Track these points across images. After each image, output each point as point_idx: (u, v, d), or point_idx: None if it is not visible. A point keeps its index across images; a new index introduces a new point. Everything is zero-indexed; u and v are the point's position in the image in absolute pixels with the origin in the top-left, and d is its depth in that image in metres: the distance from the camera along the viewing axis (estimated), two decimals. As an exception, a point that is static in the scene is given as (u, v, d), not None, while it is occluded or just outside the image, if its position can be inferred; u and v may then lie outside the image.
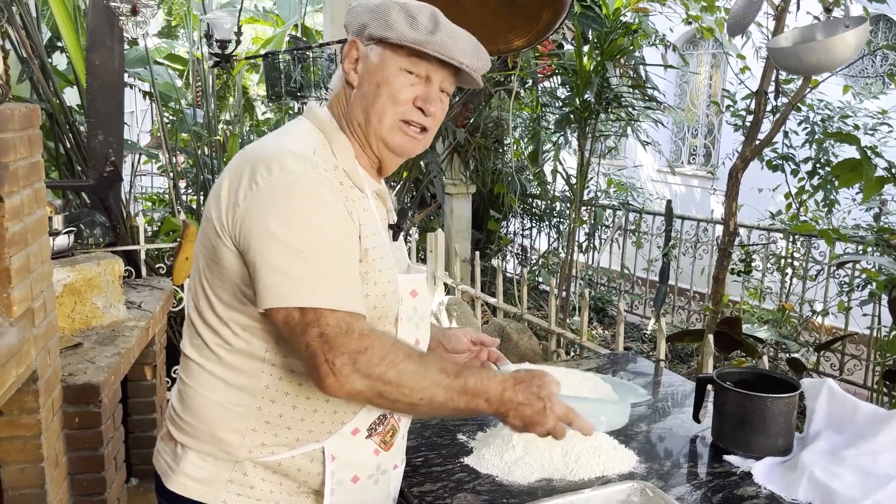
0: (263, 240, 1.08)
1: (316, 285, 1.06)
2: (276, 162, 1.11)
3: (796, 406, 1.50)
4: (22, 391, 1.99)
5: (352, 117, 1.23)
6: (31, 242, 1.99)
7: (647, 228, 6.44)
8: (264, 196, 1.09)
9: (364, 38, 1.22)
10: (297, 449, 1.19)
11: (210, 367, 1.19)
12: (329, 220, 1.10)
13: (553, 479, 1.40)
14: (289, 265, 1.06)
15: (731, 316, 3.58)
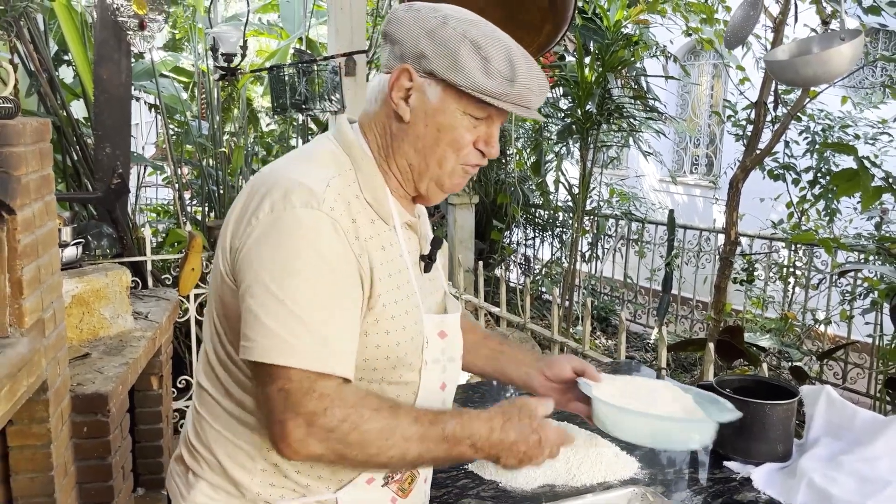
0: (251, 282, 1.01)
1: (289, 341, 0.98)
2: (282, 195, 1.03)
3: (795, 412, 1.53)
4: (32, 401, 2.01)
5: (398, 153, 1.13)
6: (42, 254, 2.02)
7: (649, 238, 6.46)
8: (261, 233, 1.02)
9: (420, 70, 1.08)
10: (308, 497, 1.13)
11: (222, 402, 1.14)
12: (322, 272, 1.01)
13: (556, 485, 1.42)
14: (267, 315, 0.99)
15: (733, 325, 3.60)
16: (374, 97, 1.14)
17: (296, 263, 0.99)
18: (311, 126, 5.23)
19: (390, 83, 1.10)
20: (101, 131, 3.45)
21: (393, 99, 1.10)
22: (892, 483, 1.34)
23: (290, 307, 0.98)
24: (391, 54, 1.11)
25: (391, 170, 1.15)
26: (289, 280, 0.99)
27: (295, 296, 0.99)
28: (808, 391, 1.63)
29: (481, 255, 6.49)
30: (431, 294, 1.22)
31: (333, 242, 1.02)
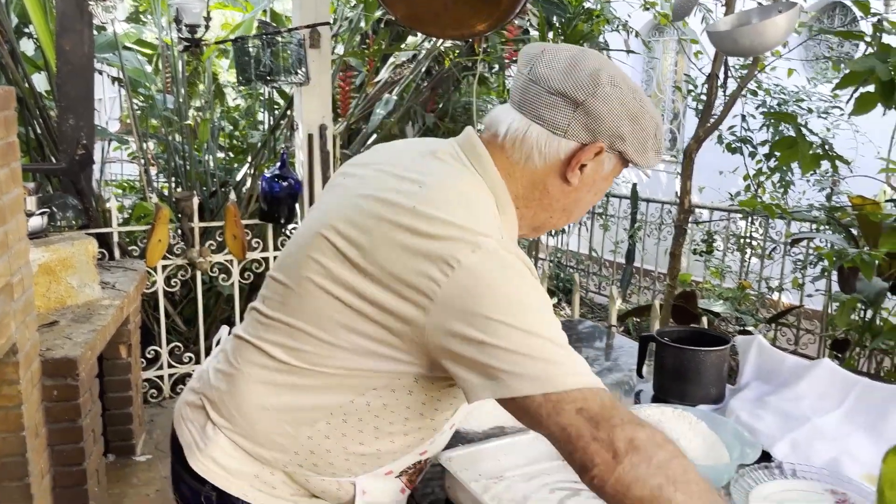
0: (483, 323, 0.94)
1: (565, 364, 0.95)
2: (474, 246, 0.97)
3: (727, 359, 1.65)
4: (2, 363, 2.06)
5: (542, 207, 1.14)
6: (8, 220, 2.06)
7: (613, 211, 6.60)
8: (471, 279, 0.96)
9: (609, 147, 1.09)
10: (330, 478, 1.16)
11: (280, 375, 1.09)
12: (540, 295, 1.00)
13: (505, 426, 1.52)
14: (530, 350, 0.94)
15: (687, 290, 3.74)
16: (534, 154, 1.09)
17: (530, 301, 0.98)
18: (277, 100, 5.24)
19: (576, 155, 1.08)
20: (64, 103, 3.45)
21: (572, 168, 1.09)
22: (811, 419, 1.47)
23: (551, 339, 0.96)
24: (579, 125, 1.07)
25: (523, 214, 1.15)
26: (533, 316, 0.97)
27: (548, 329, 0.97)
28: (742, 340, 1.75)
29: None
30: None
31: (532, 276, 1.01)
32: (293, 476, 1.15)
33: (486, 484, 1.29)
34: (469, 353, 0.95)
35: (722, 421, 1.47)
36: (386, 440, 1.13)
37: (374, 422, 1.10)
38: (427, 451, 1.22)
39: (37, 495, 2.20)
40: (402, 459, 1.18)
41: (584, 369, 0.97)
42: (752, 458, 1.34)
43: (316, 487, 1.16)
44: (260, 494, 1.15)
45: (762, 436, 1.44)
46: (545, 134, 1.08)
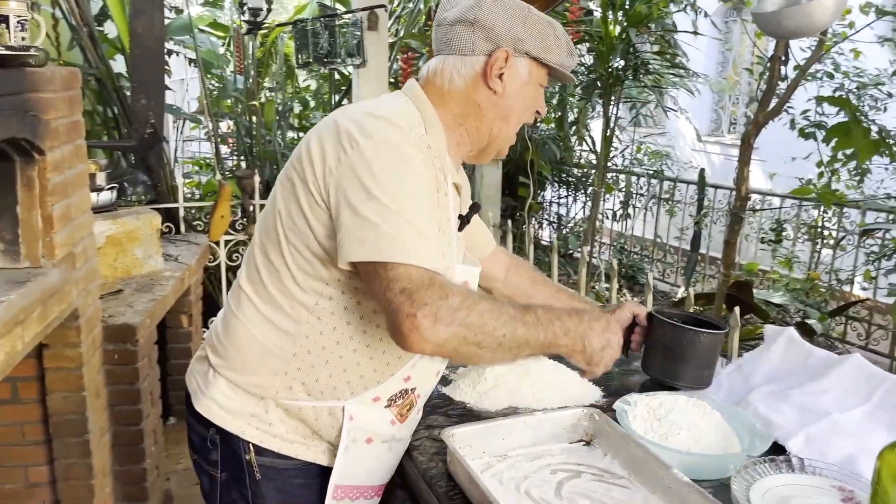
0: (357, 196, 1.11)
1: (406, 242, 1.08)
2: (373, 126, 1.16)
3: (720, 344, 1.64)
4: (65, 327, 2.22)
5: (483, 121, 1.30)
6: (71, 194, 2.20)
7: (680, 197, 6.45)
8: (361, 158, 1.13)
9: (515, 51, 1.27)
10: (319, 402, 1.26)
11: (260, 305, 1.25)
12: (422, 187, 1.15)
13: (519, 407, 1.54)
14: (383, 222, 1.09)
15: (741, 280, 3.64)
16: (454, 76, 1.29)
17: (404, 182, 1.13)
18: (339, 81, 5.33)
19: (489, 64, 1.27)
20: (136, 83, 3.62)
21: (490, 76, 1.27)
22: (831, 414, 1.43)
23: (404, 215, 1.10)
24: (481, 39, 1.27)
25: (466, 133, 1.32)
26: (398, 191, 1.11)
27: (406, 205, 1.11)
28: (771, 331, 1.71)
29: (512, 213, 6.56)
30: (460, 250, 1.39)
31: (426, 169, 1.18)
32: (287, 410, 1.26)
33: (489, 461, 1.33)
34: (346, 217, 1.12)
35: (736, 412, 1.45)
36: (362, 355, 1.25)
37: (341, 333, 1.23)
38: (411, 379, 1.31)
39: (95, 451, 2.37)
40: (386, 384, 1.28)
41: (424, 251, 1.10)
42: (761, 450, 1.32)
43: (309, 418, 1.26)
44: (257, 433, 1.27)
45: (778, 429, 1.41)
46: (458, 59, 1.29)
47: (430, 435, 1.43)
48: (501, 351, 1.14)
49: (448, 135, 1.31)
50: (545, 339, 1.18)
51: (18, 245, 2.04)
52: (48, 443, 2.37)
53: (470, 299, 1.10)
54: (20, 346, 1.81)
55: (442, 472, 1.30)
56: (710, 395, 1.59)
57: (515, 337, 1.13)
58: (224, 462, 1.31)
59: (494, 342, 1.11)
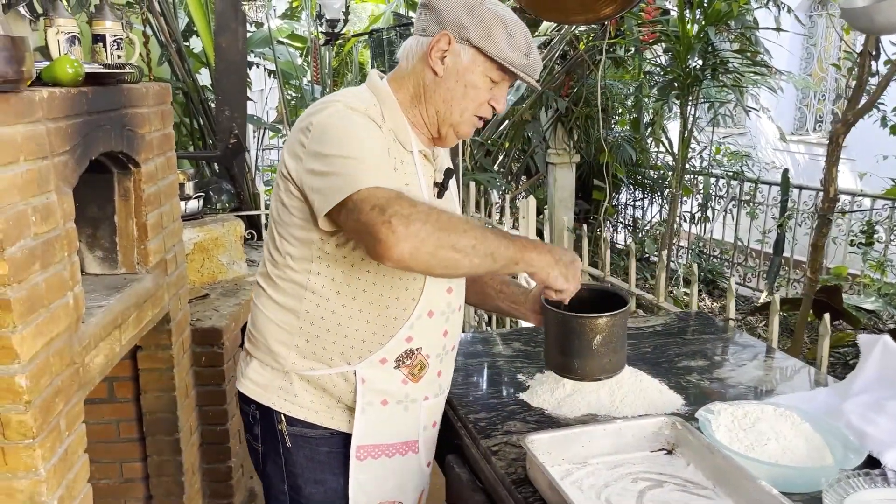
0: (316, 162, 1.26)
1: (363, 173, 1.21)
2: (324, 104, 1.33)
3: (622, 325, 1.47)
4: (157, 330, 2.33)
5: (430, 102, 1.39)
6: (163, 203, 2.31)
7: (762, 199, 6.24)
8: (313, 135, 1.29)
9: (458, 37, 1.35)
10: (332, 368, 1.41)
11: (269, 291, 1.44)
12: (370, 137, 1.29)
13: (598, 414, 1.53)
14: (338, 169, 1.23)
15: (830, 285, 3.49)
16: (410, 55, 1.42)
17: (352, 134, 1.27)
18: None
19: (431, 44, 1.36)
20: (221, 96, 3.77)
21: (432, 57, 1.37)
22: (932, 427, 1.36)
23: (356, 155, 1.23)
24: (432, 21, 1.38)
25: (419, 114, 1.42)
26: (347, 142, 1.25)
27: (355, 149, 1.24)
28: (865, 339, 1.63)
29: (586, 216, 6.49)
30: None
31: (374, 126, 1.33)
32: (309, 380, 1.41)
33: (568, 468, 1.32)
34: (314, 182, 1.26)
35: (828, 423, 1.40)
36: (357, 320, 1.38)
37: (335, 302, 1.37)
38: (413, 339, 1.41)
39: (185, 449, 2.47)
40: (389, 345, 1.40)
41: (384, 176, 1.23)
42: (855, 464, 1.27)
43: (328, 385, 1.41)
44: (286, 404, 1.43)
45: (873, 441, 1.35)
46: (416, 39, 1.40)
47: (508, 441, 1.43)
48: (477, 257, 1.21)
49: (407, 115, 1.41)
50: (515, 250, 1.26)
51: (116, 253, 2.16)
52: (142, 440, 2.49)
53: (438, 209, 1.21)
54: (118, 348, 1.92)
55: (521, 478, 1.30)
56: (801, 405, 1.53)
57: (486, 241, 1.21)
58: (264, 434, 1.48)
59: (467, 245, 1.19)
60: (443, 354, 1.49)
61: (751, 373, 1.78)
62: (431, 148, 1.48)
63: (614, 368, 1.50)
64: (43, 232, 1.51)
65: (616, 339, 1.46)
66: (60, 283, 1.59)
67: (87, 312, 1.78)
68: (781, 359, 1.90)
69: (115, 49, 2.13)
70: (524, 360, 1.82)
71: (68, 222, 1.63)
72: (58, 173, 1.57)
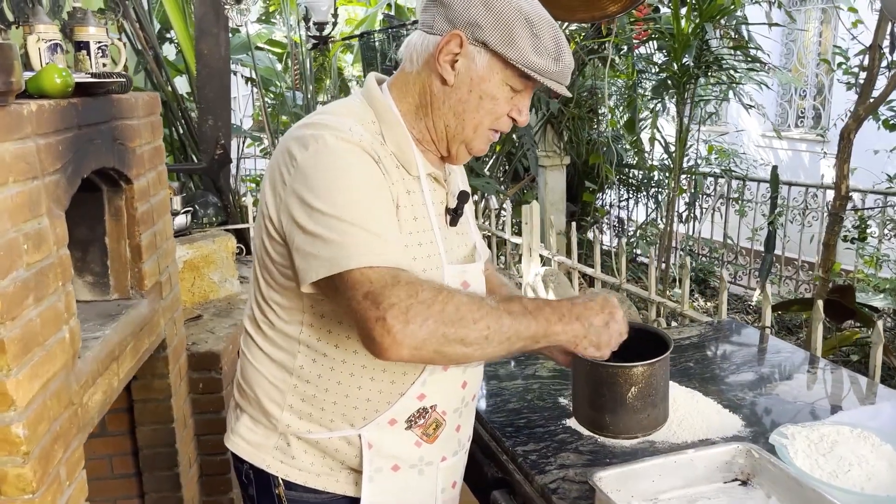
0: (301, 215, 1.05)
1: (355, 247, 1.00)
2: (310, 135, 1.09)
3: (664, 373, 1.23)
4: (153, 358, 2.16)
5: (437, 114, 1.17)
6: (156, 221, 2.15)
7: (750, 196, 6.20)
8: (299, 174, 1.07)
9: (472, 38, 1.12)
10: (333, 432, 1.20)
11: (259, 341, 1.23)
12: (365, 185, 1.06)
13: (655, 441, 1.41)
14: (330, 231, 1.02)
15: (843, 284, 3.42)
16: (416, 57, 1.17)
17: (343, 184, 1.05)
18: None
19: (439, 46, 1.13)
20: (203, 104, 3.60)
21: (440, 62, 1.13)
22: None
23: (351, 220, 1.02)
24: (440, 17, 1.14)
25: (426, 128, 1.19)
26: (341, 198, 1.04)
27: (351, 210, 1.03)
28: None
29: (574, 218, 6.40)
30: (459, 248, 1.27)
31: (369, 166, 1.09)
32: (306, 440, 1.21)
33: (639, 506, 1.20)
34: (297, 239, 1.06)
35: None
36: (360, 377, 1.17)
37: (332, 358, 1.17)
38: (427, 396, 1.20)
39: (185, 484, 2.31)
40: (399, 405, 1.19)
41: (380, 249, 1.01)
42: None
43: (329, 448, 1.21)
44: (283, 466, 1.23)
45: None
46: (421, 35, 1.17)
47: (566, 476, 1.31)
48: (491, 346, 1.02)
49: (412, 128, 1.19)
50: (538, 328, 1.05)
51: (108, 277, 1.99)
52: (138, 475, 2.32)
53: (444, 293, 1.00)
54: (116, 382, 1.76)
55: (591, 521, 1.18)
56: (868, 422, 1.43)
57: (502, 329, 1.02)
58: (260, 497, 1.28)
59: (479, 336, 1.01)
60: (461, 408, 1.28)
61: (801, 386, 1.68)
62: (442, 168, 1.26)
63: (653, 425, 1.24)
64: (36, 261, 1.34)
65: (655, 390, 1.21)
66: (55, 317, 1.42)
67: (83, 346, 1.61)
68: (827, 368, 1.80)
69: (101, 56, 1.96)
70: (562, 380, 1.70)
71: (61, 248, 1.47)
72: (49, 194, 1.41)
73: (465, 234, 1.31)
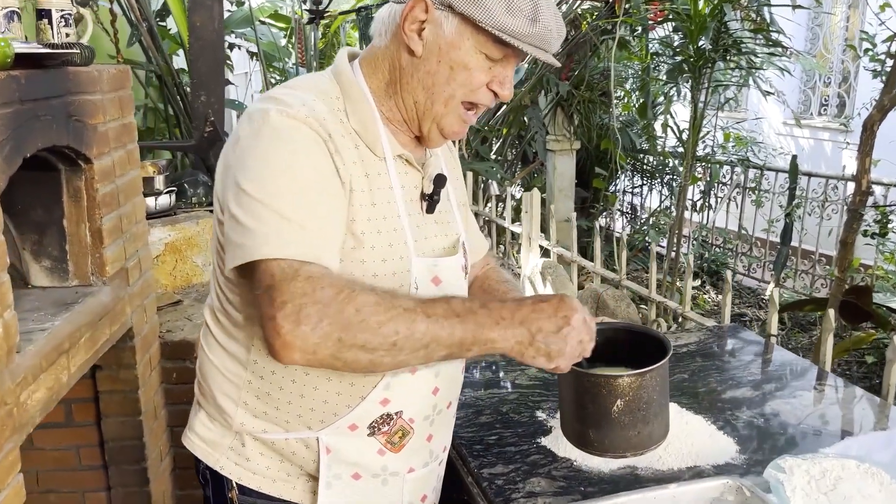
0: (231, 197, 0.99)
1: (265, 236, 0.93)
2: (260, 114, 1.00)
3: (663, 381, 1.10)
4: (119, 348, 2.05)
5: (406, 89, 1.08)
6: (123, 203, 2.02)
7: (768, 186, 5.99)
8: (240, 152, 1.00)
9: (437, 1, 1.02)
10: (290, 433, 1.12)
11: (214, 332, 1.15)
12: (302, 172, 0.98)
13: (638, 467, 1.27)
14: (248, 217, 0.95)
15: (860, 284, 3.25)
16: (384, 29, 1.09)
17: (274, 166, 0.97)
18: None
19: (403, 14, 1.04)
20: (196, 79, 3.46)
21: (405, 31, 1.04)
22: None
23: (271, 206, 0.95)
24: None
25: (396, 106, 1.10)
26: (269, 182, 0.96)
27: (275, 195, 0.96)
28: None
29: (584, 204, 6.22)
30: (436, 238, 1.16)
31: (311, 146, 0.99)
32: (262, 441, 1.13)
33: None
34: (227, 224, 1.00)
35: None
36: (316, 377, 1.08)
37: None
38: (390, 402, 1.10)
39: (154, 479, 2.21)
40: (359, 409, 1.09)
41: (295, 241, 0.93)
42: None
43: (285, 451, 1.12)
44: (236, 468, 1.14)
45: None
46: (390, 5, 1.08)
47: (533, 506, 1.17)
48: (403, 354, 0.92)
49: (382, 106, 1.10)
50: (465, 334, 0.93)
51: (66, 262, 1.87)
52: (106, 467, 2.22)
53: (346, 291, 0.90)
54: (65, 377, 1.64)
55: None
56: (877, 452, 1.28)
57: (414, 334, 0.91)
58: (215, 499, 1.19)
59: (385, 343, 0.90)
60: (433, 416, 1.16)
61: (807, 405, 1.53)
62: (420, 150, 1.16)
63: (646, 443, 1.10)
64: (-42, 250, 1.22)
65: (646, 404, 1.07)
66: (-15, 310, 1.30)
67: (24, 339, 1.50)
68: (838, 386, 1.65)
69: (64, 26, 1.82)
70: (542, 391, 1.56)
71: (-5, 235, 1.34)
72: (-22, 176, 1.28)
73: (448, 223, 1.20)
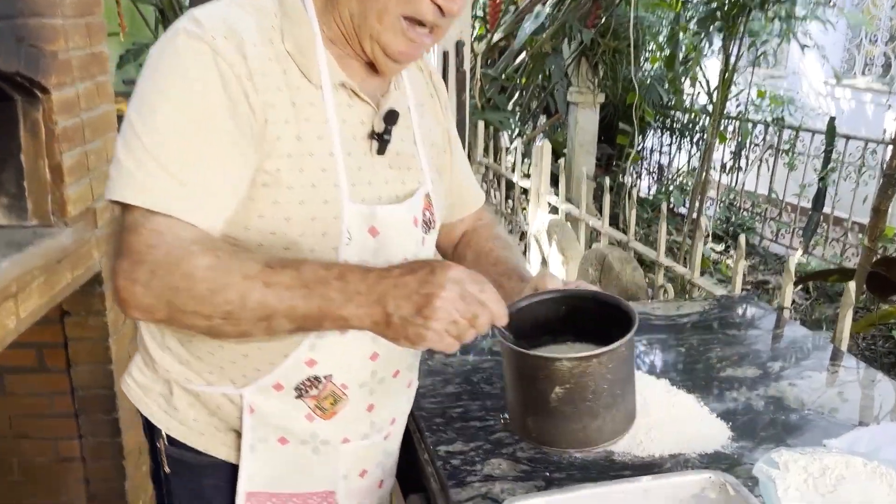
0: (125, 122, 0.90)
1: (138, 178, 0.86)
2: (172, 31, 0.90)
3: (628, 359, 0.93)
4: (87, 293, 1.95)
5: (342, 2, 0.94)
6: (91, 139, 1.90)
7: (802, 148, 5.70)
8: (143, 71, 0.91)
9: None
10: (213, 386, 1.03)
11: None
12: (191, 105, 0.87)
13: (615, 452, 1.13)
14: (125, 151, 0.87)
15: (891, 255, 3.04)
16: None
17: (161, 96, 0.88)
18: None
19: None
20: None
21: None
22: None
23: (147, 142, 0.86)
24: None
25: (335, 21, 0.96)
26: (151, 114, 0.88)
27: (155, 131, 0.87)
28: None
29: (609, 161, 6.00)
30: (387, 184, 1.02)
31: (210, 73, 0.88)
32: (189, 392, 1.04)
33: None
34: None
35: None
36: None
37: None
38: (318, 364, 0.99)
39: (126, 430, 2.13)
40: (283, 368, 0.99)
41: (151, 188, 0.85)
42: None
43: (211, 404, 1.04)
44: (165, 417, 1.06)
45: None
46: None
47: (488, 493, 1.04)
48: (242, 324, 0.85)
49: (324, 26, 0.97)
50: (308, 309, 0.83)
51: (25, 199, 1.75)
52: (77, 416, 2.14)
53: (178, 251, 0.84)
54: (13, 323, 1.54)
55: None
56: (890, 446, 1.12)
57: (248, 305, 0.83)
58: (151, 448, 1.13)
59: (219, 311, 0.83)
60: (373, 385, 1.04)
61: (816, 388, 1.37)
62: (376, 81, 1.01)
63: (593, 440, 0.93)
64: None
65: (594, 395, 0.89)
66: None
67: (-38, 281, 1.39)
68: (853, 367, 1.48)
69: (22, -58, 1.67)
70: (521, 360, 1.41)
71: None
72: None
73: (409, 169, 1.05)
